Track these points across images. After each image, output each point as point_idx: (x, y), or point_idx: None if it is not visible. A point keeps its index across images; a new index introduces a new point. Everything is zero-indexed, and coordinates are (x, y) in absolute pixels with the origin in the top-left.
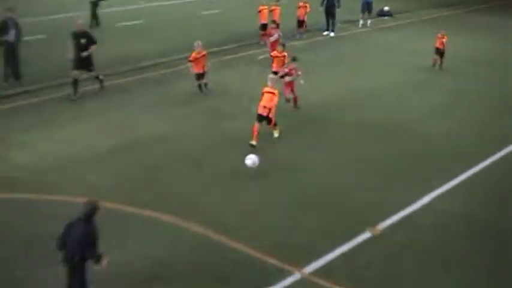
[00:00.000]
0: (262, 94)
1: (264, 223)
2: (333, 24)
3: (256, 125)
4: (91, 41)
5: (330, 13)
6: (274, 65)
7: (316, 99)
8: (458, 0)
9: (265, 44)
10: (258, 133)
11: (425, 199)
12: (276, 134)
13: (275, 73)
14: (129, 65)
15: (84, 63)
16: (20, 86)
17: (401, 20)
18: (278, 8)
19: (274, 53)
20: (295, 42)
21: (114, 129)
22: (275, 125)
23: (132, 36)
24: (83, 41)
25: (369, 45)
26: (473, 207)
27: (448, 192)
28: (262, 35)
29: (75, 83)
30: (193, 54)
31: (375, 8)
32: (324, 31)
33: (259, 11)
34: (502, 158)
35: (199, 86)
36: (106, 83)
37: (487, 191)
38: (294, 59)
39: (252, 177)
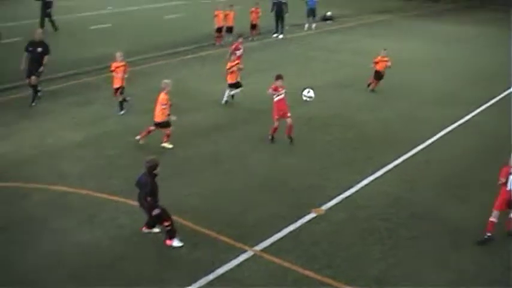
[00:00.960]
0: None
1: (217, 206)
2: (282, 27)
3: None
4: (46, 51)
5: (279, 17)
6: (233, 76)
7: (264, 97)
8: (394, 7)
9: (220, 46)
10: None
11: (363, 182)
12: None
13: (232, 85)
14: (98, 65)
15: (35, 70)
16: None
17: (342, 24)
18: (232, 12)
19: (240, 66)
20: (249, 44)
21: (83, 123)
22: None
23: (100, 38)
24: (39, 50)
25: (313, 46)
26: (402, 190)
27: (382, 176)
28: (217, 37)
29: (33, 88)
30: (114, 64)
31: (319, 13)
32: (274, 33)
33: (215, 16)
34: (428, 146)
35: (120, 102)
36: (77, 81)
37: (415, 175)
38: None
39: (205, 166)
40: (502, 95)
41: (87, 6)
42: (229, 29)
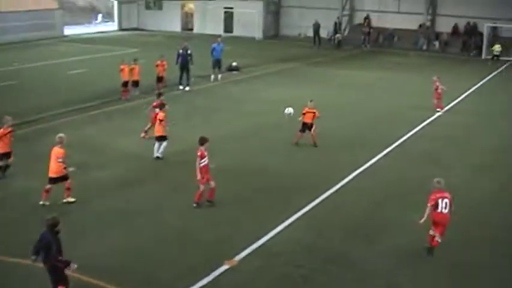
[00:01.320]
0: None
1: (129, 263)
2: (188, 79)
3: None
4: None
5: (184, 69)
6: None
7: (172, 148)
8: (299, 55)
9: (126, 100)
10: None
11: (276, 229)
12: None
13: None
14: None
15: None
16: None
17: (248, 74)
18: (137, 66)
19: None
20: (155, 97)
21: None
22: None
23: (6, 95)
24: None
25: (220, 96)
26: (314, 235)
27: (294, 222)
28: (123, 92)
29: None
30: (1, 131)
31: (224, 64)
32: (180, 85)
33: (121, 70)
34: (338, 190)
35: (3, 168)
36: None
37: (327, 220)
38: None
39: (116, 222)
40: (403, 139)
41: None
42: (135, 83)
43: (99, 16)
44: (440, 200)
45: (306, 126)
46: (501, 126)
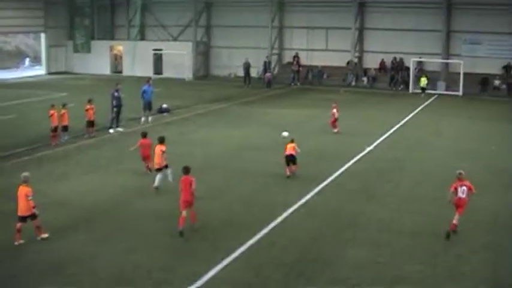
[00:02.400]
0: None
1: None
2: (118, 121)
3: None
4: None
5: (116, 112)
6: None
7: (93, 198)
8: (229, 95)
9: (56, 145)
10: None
11: (211, 272)
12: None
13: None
14: None
15: None
16: None
17: (179, 116)
18: (66, 111)
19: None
20: (86, 142)
21: None
22: None
23: None
24: None
25: (151, 139)
26: (250, 276)
27: (229, 264)
28: (53, 137)
29: None
30: None
31: (155, 106)
32: (109, 128)
33: (50, 115)
34: (273, 228)
35: None
36: None
37: (262, 259)
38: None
39: (46, 273)
40: (335, 174)
41: None
42: (65, 128)
43: (27, 60)
44: (459, 187)
45: (289, 159)
46: (429, 157)
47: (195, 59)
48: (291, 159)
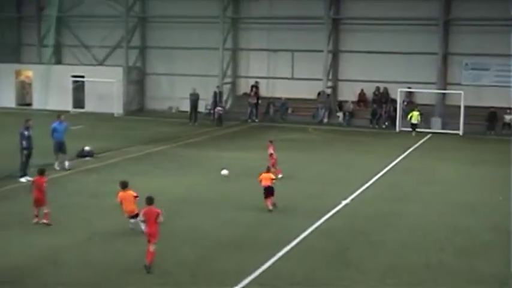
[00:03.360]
0: None
1: None
2: (27, 167)
3: None
4: None
5: (26, 155)
6: None
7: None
8: (169, 134)
9: None
10: None
11: None
12: None
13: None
14: None
15: None
16: None
17: (105, 160)
18: None
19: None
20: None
21: None
22: None
23: None
24: None
25: (69, 190)
26: None
27: None
28: None
29: None
30: None
31: (76, 147)
32: (21, 177)
33: None
34: None
35: None
36: None
37: None
38: None
39: None
40: (303, 235)
41: None
42: None
43: None
44: None
45: (268, 190)
46: (421, 212)
47: (126, 88)
48: (269, 192)
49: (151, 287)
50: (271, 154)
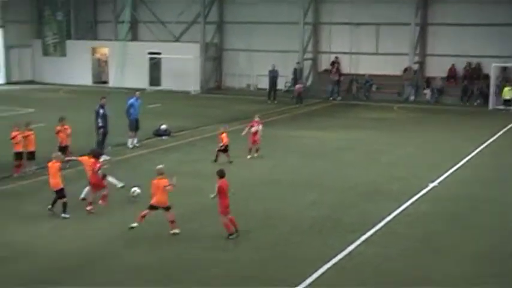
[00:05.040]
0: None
1: None
2: (103, 147)
3: None
4: None
5: (102, 134)
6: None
7: (66, 247)
8: (250, 113)
9: (20, 177)
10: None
11: None
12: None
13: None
14: None
15: None
16: None
17: (181, 140)
18: (32, 132)
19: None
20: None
21: None
22: None
23: None
24: None
25: (144, 170)
26: None
27: None
28: (17, 166)
29: None
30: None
31: (153, 126)
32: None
33: (12, 138)
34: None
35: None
36: None
37: None
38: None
39: None
40: (388, 219)
41: None
42: (31, 155)
43: None
44: None
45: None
46: None
47: (203, 65)
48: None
49: (232, 267)
50: (254, 132)
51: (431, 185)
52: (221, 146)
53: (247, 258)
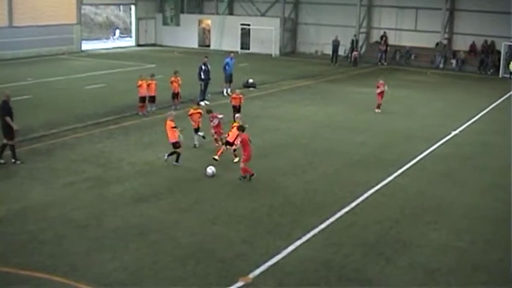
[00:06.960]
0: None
1: (142, 280)
2: (205, 94)
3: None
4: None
5: (204, 85)
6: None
7: (178, 168)
8: (315, 72)
9: (143, 115)
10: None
11: (290, 248)
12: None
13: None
14: (19, 137)
15: None
16: None
17: (264, 91)
18: (154, 82)
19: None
20: (173, 113)
21: (3, 198)
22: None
23: (21, 110)
24: None
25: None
26: (329, 253)
27: (308, 240)
28: (141, 107)
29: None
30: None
31: (241, 80)
32: (201, 101)
33: (138, 86)
34: (353, 208)
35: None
36: None
37: (341, 238)
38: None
39: (131, 238)
40: (419, 157)
41: (6, 78)
42: (152, 99)
43: (117, 32)
44: None
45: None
46: None
47: (282, 35)
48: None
49: (298, 190)
50: (381, 92)
51: (453, 133)
52: None
53: (316, 179)
